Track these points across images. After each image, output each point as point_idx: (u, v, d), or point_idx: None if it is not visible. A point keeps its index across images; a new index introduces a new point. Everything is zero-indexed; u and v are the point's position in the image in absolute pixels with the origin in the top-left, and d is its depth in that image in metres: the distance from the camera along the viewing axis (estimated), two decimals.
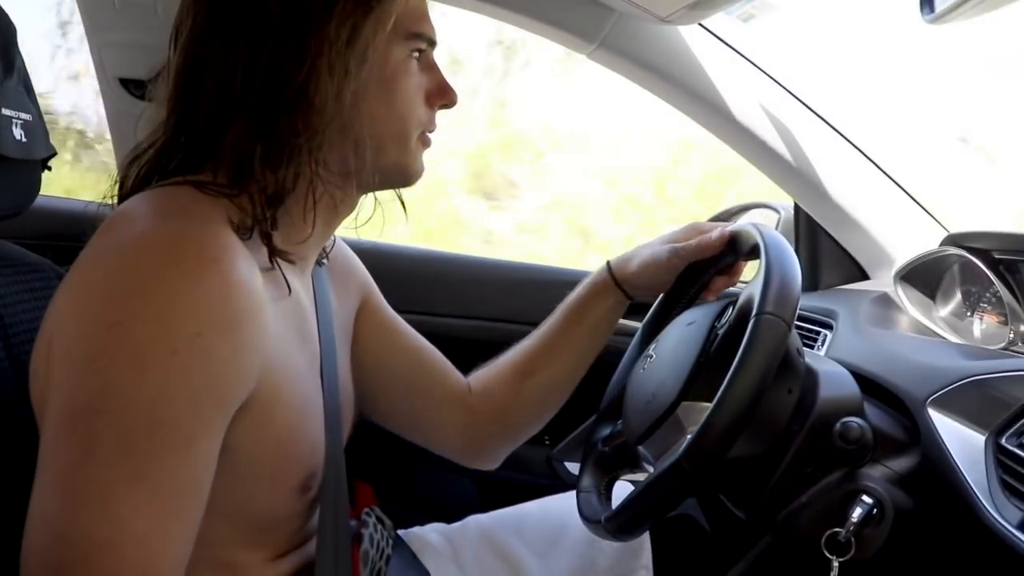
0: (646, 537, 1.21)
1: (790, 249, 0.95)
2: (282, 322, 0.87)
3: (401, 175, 0.95)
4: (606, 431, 1.15)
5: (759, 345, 0.84)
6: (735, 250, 1.09)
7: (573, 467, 1.69)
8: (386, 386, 1.17)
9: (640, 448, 1.03)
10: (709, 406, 0.84)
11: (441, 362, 1.23)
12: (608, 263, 1.18)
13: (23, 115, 1.04)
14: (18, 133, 1.03)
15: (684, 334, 1.02)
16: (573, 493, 1.16)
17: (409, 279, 1.74)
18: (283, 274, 0.87)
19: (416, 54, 0.92)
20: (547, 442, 1.73)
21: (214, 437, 0.75)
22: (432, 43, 0.94)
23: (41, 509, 0.71)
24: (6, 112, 1.01)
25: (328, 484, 0.93)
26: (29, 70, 1.09)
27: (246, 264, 0.77)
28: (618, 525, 0.92)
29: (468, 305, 1.77)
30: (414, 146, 0.94)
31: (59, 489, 0.70)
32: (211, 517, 0.77)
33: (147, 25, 1.35)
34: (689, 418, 0.94)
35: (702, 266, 1.13)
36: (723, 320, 0.99)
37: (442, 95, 0.95)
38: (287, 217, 0.87)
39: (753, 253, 1.05)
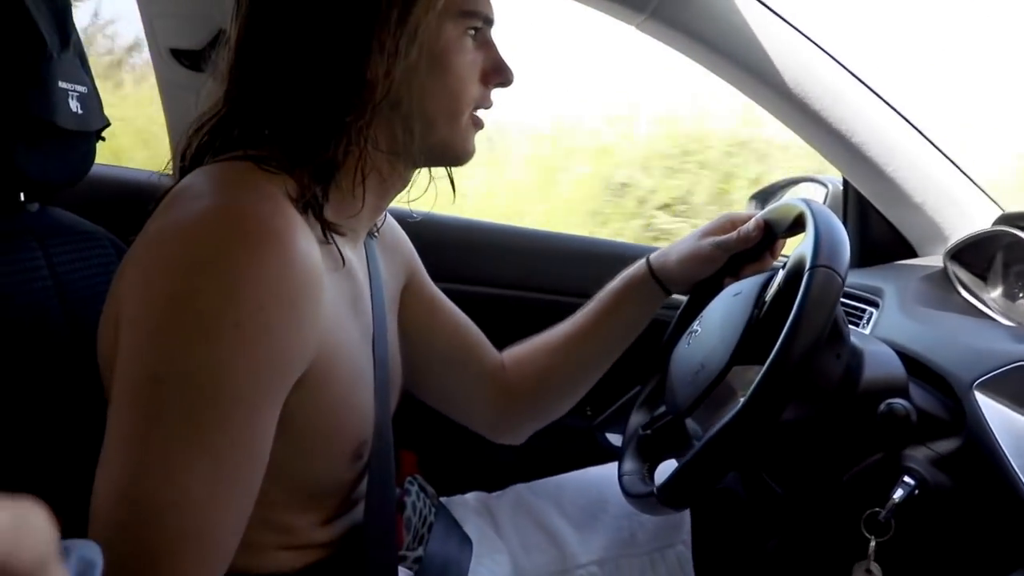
0: (686, 512, 1.23)
1: (835, 216, 0.96)
2: (337, 295, 0.89)
3: (451, 153, 0.96)
4: (647, 417, 1.17)
5: (815, 296, 0.85)
6: (772, 233, 1.11)
7: (615, 438, 1.70)
8: (424, 361, 1.19)
9: (688, 422, 1.04)
10: (761, 368, 0.85)
11: (479, 339, 1.25)
12: (648, 258, 1.20)
13: (79, 87, 1.06)
14: (74, 105, 1.05)
15: (731, 304, 1.03)
16: (614, 464, 1.18)
17: (456, 249, 1.75)
18: (338, 248, 0.89)
19: (471, 32, 0.92)
20: (589, 412, 1.74)
21: (273, 407, 0.78)
22: (488, 21, 0.94)
23: (108, 471, 0.73)
24: (63, 85, 1.03)
25: (376, 453, 0.95)
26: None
27: (306, 239, 0.79)
28: (672, 494, 0.93)
29: (513, 275, 1.78)
30: (465, 124, 0.94)
31: (125, 453, 0.73)
32: (268, 481, 0.80)
33: None
34: (740, 382, 0.95)
35: (740, 255, 1.14)
36: (770, 287, 0.99)
37: (497, 73, 0.95)
38: (338, 192, 0.89)
39: (793, 228, 1.06)
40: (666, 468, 0.99)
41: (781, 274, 0.97)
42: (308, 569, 0.93)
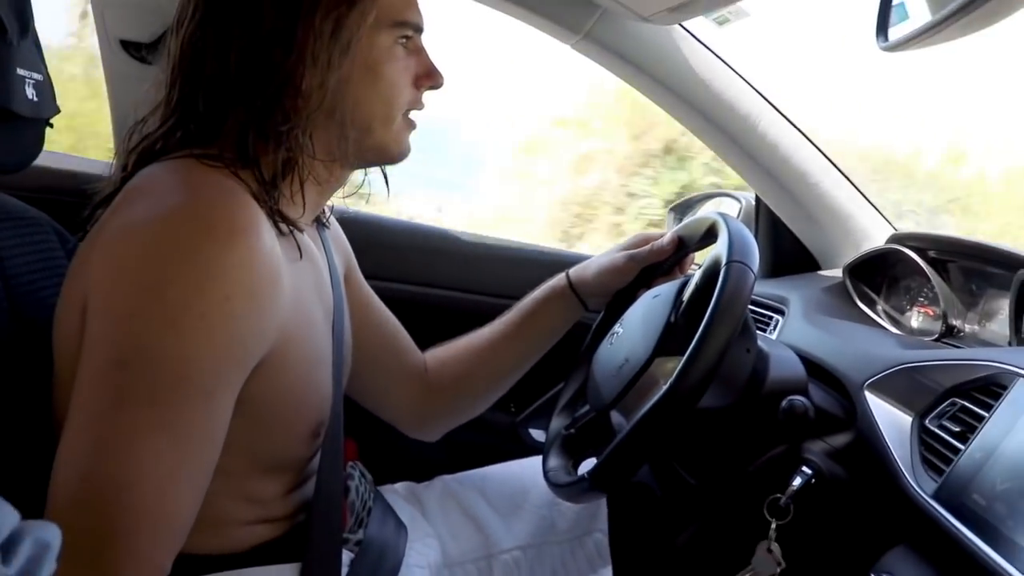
0: (602, 502, 1.30)
1: (745, 227, 1.05)
2: (300, 282, 0.94)
3: (387, 154, 1.02)
4: (569, 419, 1.24)
5: (732, 288, 0.94)
6: (684, 246, 1.20)
7: (537, 433, 1.76)
8: (363, 353, 1.24)
9: (613, 416, 1.12)
10: (681, 359, 0.92)
11: (403, 340, 1.32)
12: (567, 272, 1.28)
13: (35, 75, 1.07)
14: (30, 92, 1.06)
15: (651, 305, 1.11)
16: (536, 458, 1.24)
17: (388, 248, 1.80)
18: (296, 239, 0.94)
19: (403, 40, 0.98)
20: (513, 409, 1.81)
21: (232, 392, 0.83)
22: (418, 29, 1.00)
23: (70, 449, 0.77)
24: (20, 72, 1.04)
25: (330, 431, 1.00)
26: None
27: (268, 233, 0.85)
28: (602, 477, 0.98)
29: (441, 276, 1.85)
30: (398, 127, 1.00)
31: (88, 433, 0.76)
32: (233, 453, 0.85)
33: None
34: (661, 372, 1.03)
35: (651, 269, 1.23)
36: (687, 289, 1.08)
37: (429, 77, 1.01)
38: (285, 197, 0.93)
39: (705, 239, 1.15)
40: (588, 465, 1.06)
41: (698, 274, 1.06)
42: (269, 544, 0.98)
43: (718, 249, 1.02)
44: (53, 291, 1.01)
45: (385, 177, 1.13)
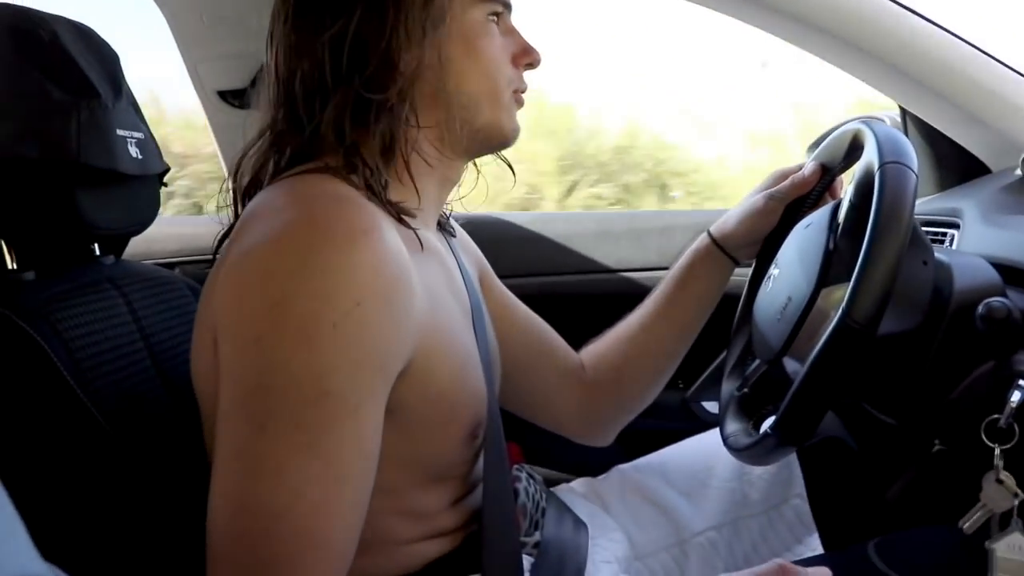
0: (796, 466, 1.21)
1: (893, 128, 0.94)
2: (432, 280, 0.90)
3: (499, 133, 0.98)
4: (739, 379, 1.15)
5: (893, 191, 0.83)
6: (828, 171, 1.10)
7: (711, 406, 1.68)
8: (513, 359, 1.18)
9: (787, 363, 1.02)
10: (849, 284, 0.82)
11: (554, 340, 1.25)
12: (708, 230, 1.20)
13: (136, 134, 1.10)
14: (134, 151, 1.09)
15: (804, 236, 1.01)
16: (714, 431, 1.16)
17: (516, 244, 1.76)
18: (417, 235, 0.90)
19: (493, 18, 0.95)
20: (681, 385, 1.73)
21: (378, 402, 0.78)
22: (508, 6, 0.98)
23: (221, 484, 0.75)
24: (120, 132, 1.06)
25: (489, 431, 0.95)
26: None
27: (391, 233, 0.81)
28: (789, 428, 0.89)
29: (580, 260, 1.78)
30: (507, 103, 0.97)
31: (236, 464, 0.74)
32: (390, 467, 0.81)
33: (236, 35, 1.40)
34: (830, 304, 0.92)
35: (797, 203, 1.13)
36: (842, 210, 0.97)
37: (526, 55, 0.98)
38: (397, 187, 0.90)
39: (850, 156, 1.03)
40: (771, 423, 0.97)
41: (850, 190, 0.95)
42: (443, 560, 0.93)
43: (867, 157, 0.91)
44: None
45: (508, 163, 1.10)
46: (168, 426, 1.04)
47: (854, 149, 1.01)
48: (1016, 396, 0.88)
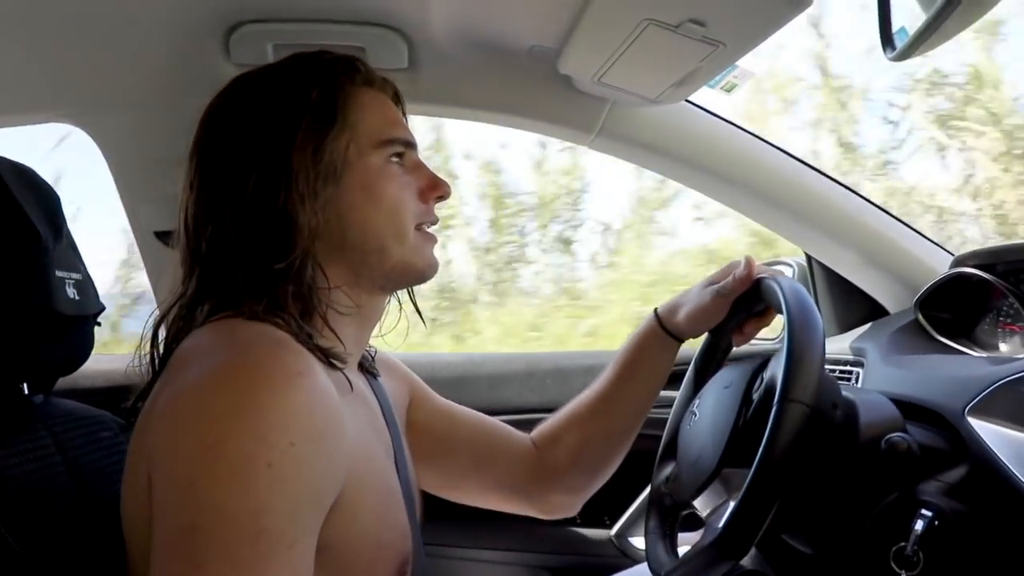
0: None
1: (812, 310, 0.96)
2: (356, 420, 0.91)
3: (412, 270, 1.00)
4: (667, 471, 1.18)
5: (782, 431, 0.87)
6: (763, 298, 1.13)
7: (637, 541, 1.69)
8: (455, 463, 1.20)
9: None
10: (748, 472, 0.88)
11: (501, 430, 1.26)
12: (656, 313, 1.20)
13: (74, 275, 1.10)
14: (71, 292, 1.09)
15: (721, 398, 1.06)
16: (641, 567, 1.18)
17: (448, 384, 1.78)
18: (346, 376, 0.92)
19: (395, 159, 0.99)
20: (607, 522, 1.74)
21: (310, 538, 0.78)
22: (409, 145, 1.01)
23: None
24: (59, 273, 1.07)
25: (417, 566, 0.96)
26: None
27: (322, 374, 0.83)
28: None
29: (495, 400, 1.81)
30: (414, 241, 0.99)
31: None
32: None
33: (174, 176, 1.43)
34: (732, 484, 0.99)
35: (742, 302, 1.15)
36: (756, 386, 1.03)
37: (433, 189, 1.01)
38: (319, 333, 0.92)
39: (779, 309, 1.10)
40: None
41: (760, 382, 1.01)
42: None
43: (776, 366, 0.97)
44: None
45: (415, 306, 1.12)
46: (99, 571, 1.01)
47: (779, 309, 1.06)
48: (919, 525, 0.93)
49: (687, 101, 1.45)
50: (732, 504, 0.90)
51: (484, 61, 1.42)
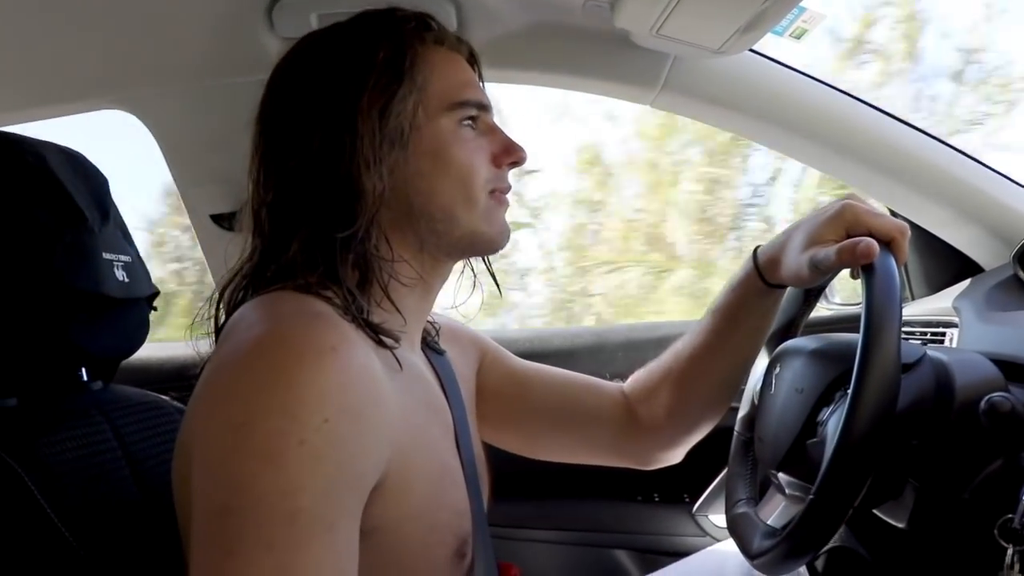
0: None
1: (892, 326, 0.84)
2: (408, 397, 0.87)
3: (481, 240, 0.96)
4: (748, 489, 1.11)
5: (838, 481, 0.82)
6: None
7: (717, 519, 1.64)
8: (536, 423, 1.17)
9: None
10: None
11: (588, 384, 1.22)
12: (756, 266, 1.08)
13: (123, 257, 1.09)
14: (120, 275, 1.08)
15: (790, 402, 1.00)
16: (721, 545, 1.12)
17: None
18: (394, 355, 0.88)
19: (468, 122, 0.94)
20: (687, 500, 1.70)
21: (352, 520, 0.75)
22: (483, 107, 0.96)
23: None
24: (106, 256, 1.06)
25: (479, 548, 0.92)
26: None
27: (362, 349, 0.79)
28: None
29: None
30: (485, 208, 0.94)
31: None
32: None
33: (225, 159, 1.42)
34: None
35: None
36: (827, 409, 0.96)
37: (507, 154, 0.96)
38: (377, 306, 0.89)
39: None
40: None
41: (829, 409, 0.95)
42: None
43: (845, 403, 0.85)
44: None
45: (492, 275, 1.08)
46: (155, 560, 1.00)
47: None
48: None
49: (753, 51, 1.37)
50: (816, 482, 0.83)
51: (537, 20, 1.37)
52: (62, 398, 1.05)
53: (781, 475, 1.01)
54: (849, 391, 0.81)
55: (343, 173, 0.86)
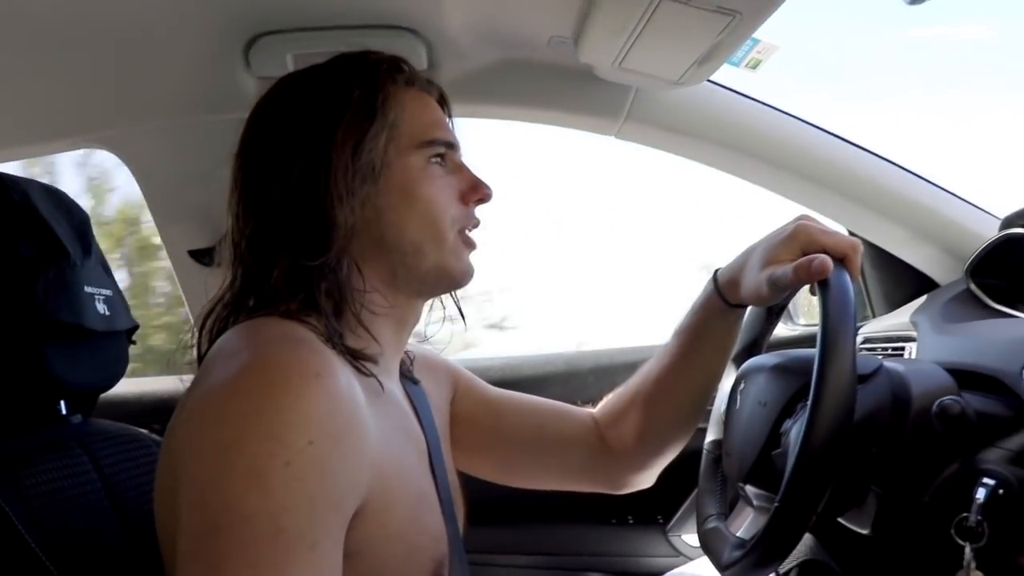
0: None
1: (847, 337, 0.87)
2: (385, 423, 0.90)
3: (447, 276, 0.99)
4: (717, 503, 1.13)
5: (801, 489, 0.85)
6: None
7: (690, 538, 1.66)
8: (509, 450, 1.19)
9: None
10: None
11: (558, 410, 1.24)
12: (717, 287, 1.10)
13: (104, 291, 1.11)
14: (101, 308, 1.10)
15: (754, 415, 1.04)
16: (695, 564, 1.14)
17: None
18: (376, 377, 0.91)
19: (436, 160, 0.98)
20: (660, 521, 1.71)
21: (334, 540, 0.77)
22: (451, 146, 1.00)
23: None
24: (88, 289, 1.08)
25: (455, 573, 0.93)
26: None
27: (345, 374, 0.82)
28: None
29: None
30: (452, 245, 0.97)
31: None
32: None
33: (202, 193, 1.44)
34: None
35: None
36: (789, 421, 0.99)
37: (474, 191, 1.00)
38: (352, 333, 0.91)
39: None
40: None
41: (791, 421, 0.98)
42: None
43: (804, 414, 0.88)
44: None
45: (459, 308, 1.10)
46: None
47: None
48: (981, 493, 0.88)
49: (712, 82, 1.42)
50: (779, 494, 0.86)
51: (504, 57, 1.42)
52: (41, 430, 1.06)
53: (749, 487, 1.04)
54: (808, 402, 0.85)
55: (318, 205, 0.89)
